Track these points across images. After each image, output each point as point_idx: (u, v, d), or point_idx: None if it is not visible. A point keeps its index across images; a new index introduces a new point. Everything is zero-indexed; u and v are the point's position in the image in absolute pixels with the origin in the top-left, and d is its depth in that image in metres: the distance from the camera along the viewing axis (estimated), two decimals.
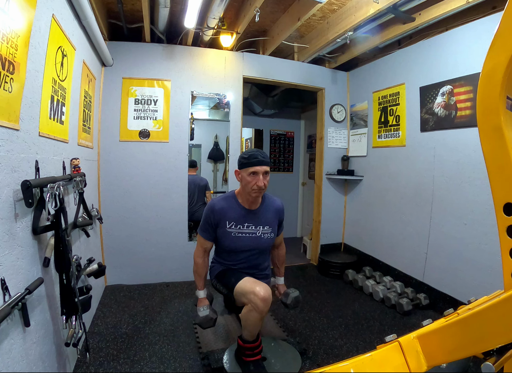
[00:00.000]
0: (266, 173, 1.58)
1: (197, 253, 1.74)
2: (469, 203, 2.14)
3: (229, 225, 1.65)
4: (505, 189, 0.80)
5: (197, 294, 1.74)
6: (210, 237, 1.70)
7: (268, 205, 1.75)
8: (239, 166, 1.63)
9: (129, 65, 2.72)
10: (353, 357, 0.91)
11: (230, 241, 1.67)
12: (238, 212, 1.67)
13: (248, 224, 1.67)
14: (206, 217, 1.67)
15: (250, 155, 1.56)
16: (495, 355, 0.80)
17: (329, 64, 3.46)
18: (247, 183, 1.57)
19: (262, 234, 1.70)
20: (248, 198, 1.63)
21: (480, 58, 0.83)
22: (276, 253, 1.93)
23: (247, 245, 1.68)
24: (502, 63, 0.76)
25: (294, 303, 1.77)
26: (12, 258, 1.00)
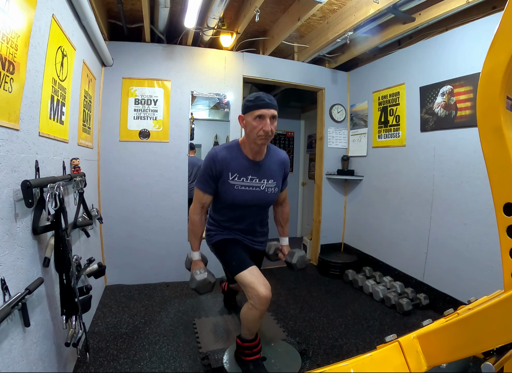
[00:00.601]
0: (273, 118, 1.42)
1: (194, 209, 1.57)
2: (469, 203, 2.14)
3: (232, 176, 1.49)
4: (505, 189, 0.80)
5: (191, 255, 1.62)
6: (210, 190, 1.53)
7: (273, 156, 1.60)
8: (243, 111, 1.47)
9: (129, 65, 2.72)
10: (353, 357, 0.91)
11: (232, 195, 1.51)
12: (242, 163, 1.51)
13: (252, 177, 1.52)
14: (206, 167, 1.49)
15: (256, 98, 1.41)
16: (495, 355, 0.80)
17: (329, 64, 3.46)
18: (253, 129, 1.42)
19: (266, 188, 1.56)
20: (253, 147, 1.49)
21: (480, 58, 0.83)
22: (279, 210, 1.79)
23: (250, 199, 1.53)
24: (502, 63, 0.76)
25: (300, 263, 1.64)
26: (12, 258, 1.00)
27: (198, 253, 1.63)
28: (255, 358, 1.59)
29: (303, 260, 1.66)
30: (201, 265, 1.61)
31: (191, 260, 1.64)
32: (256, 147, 1.49)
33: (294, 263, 1.63)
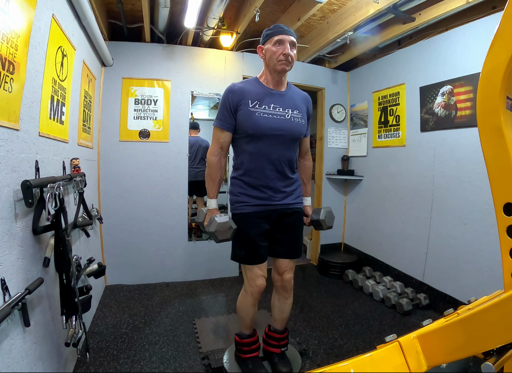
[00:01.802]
0: (293, 45, 1.38)
1: (212, 151, 1.44)
2: (469, 203, 2.14)
3: (252, 104, 1.38)
4: (505, 189, 0.80)
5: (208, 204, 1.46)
6: (229, 125, 1.41)
7: (296, 91, 1.54)
8: (262, 41, 1.43)
9: (129, 65, 2.72)
10: (353, 357, 0.91)
11: (253, 122, 1.36)
12: (263, 91, 1.42)
13: (275, 105, 1.41)
14: (224, 100, 1.40)
15: (275, 26, 1.40)
16: (495, 355, 0.80)
17: (329, 64, 3.46)
18: (272, 54, 1.36)
19: (292, 117, 1.43)
20: (274, 77, 1.42)
21: (480, 58, 0.83)
22: (301, 165, 1.64)
23: (275, 127, 1.38)
24: (502, 63, 0.76)
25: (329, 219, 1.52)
26: (12, 258, 1.00)
27: (216, 201, 1.47)
28: (254, 356, 1.58)
29: (331, 216, 1.53)
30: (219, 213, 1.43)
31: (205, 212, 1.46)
32: (276, 76, 1.42)
33: (322, 219, 1.49)
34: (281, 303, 1.61)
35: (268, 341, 1.64)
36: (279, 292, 1.61)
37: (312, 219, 1.57)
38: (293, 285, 1.61)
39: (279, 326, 1.63)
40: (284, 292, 1.59)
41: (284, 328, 1.65)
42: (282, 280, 1.56)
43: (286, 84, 1.50)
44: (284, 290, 1.59)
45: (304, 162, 1.66)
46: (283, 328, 1.64)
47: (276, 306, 1.63)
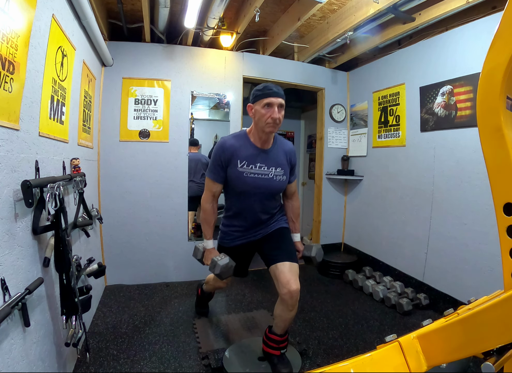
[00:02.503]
0: (281, 107, 1.47)
1: (206, 198, 1.62)
2: (469, 203, 2.14)
3: (241, 164, 1.53)
4: (505, 189, 0.80)
5: (205, 244, 1.64)
6: (220, 178, 1.57)
7: (279, 146, 1.64)
8: (252, 100, 1.51)
9: (129, 65, 2.72)
10: (353, 357, 0.91)
11: (242, 182, 1.54)
12: (250, 150, 1.55)
13: (261, 164, 1.55)
14: (216, 156, 1.54)
15: (265, 87, 1.46)
16: (495, 355, 0.80)
17: (329, 64, 3.46)
18: (261, 117, 1.46)
19: (274, 176, 1.58)
20: (261, 136, 1.53)
21: (480, 58, 0.83)
22: (289, 205, 1.79)
23: (260, 186, 1.56)
24: (502, 63, 0.76)
25: (319, 255, 1.63)
26: (12, 258, 1.00)
27: (212, 242, 1.64)
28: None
29: (321, 252, 1.64)
30: (217, 253, 1.61)
31: (202, 250, 1.65)
32: (264, 136, 1.53)
33: (313, 256, 1.60)
34: (285, 314, 1.56)
35: (268, 343, 1.64)
36: (284, 304, 1.54)
37: (304, 255, 1.69)
38: (299, 297, 1.55)
39: (280, 331, 1.62)
40: (289, 305, 1.54)
41: (285, 331, 1.65)
42: (290, 292, 1.50)
43: (272, 139, 1.61)
44: (290, 302, 1.53)
45: (291, 203, 1.80)
46: (284, 332, 1.63)
47: (279, 315, 1.59)
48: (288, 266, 1.56)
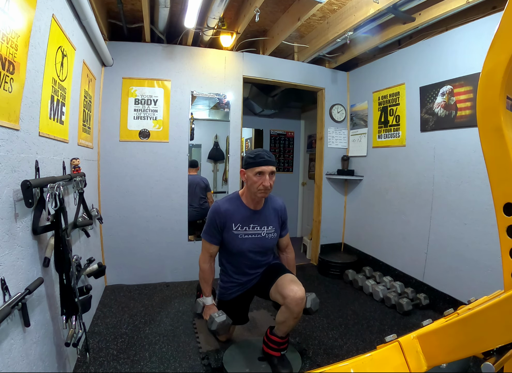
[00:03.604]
0: (272, 174, 1.57)
1: (203, 259, 1.72)
2: (469, 203, 2.14)
3: (236, 227, 1.64)
4: (505, 189, 0.80)
5: (204, 301, 1.72)
6: (216, 240, 1.68)
7: (270, 204, 1.75)
8: (244, 166, 1.62)
9: (129, 65, 2.72)
10: (353, 357, 0.91)
11: (237, 244, 1.66)
12: (244, 213, 1.66)
13: (254, 225, 1.67)
14: (211, 220, 1.65)
15: (257, 155, 1.55)
16: (495, 355, 0.80)
17: (329, 64, 3.46)
18: (253, 184, 1.56)
19: (266, 234, 1.71)
20: (254, 198, 1.64)
21: (480, 58, 0.83)
22: (284, 257, 1.89)
23: (254, 246, 1.68)
24: (502, 63, 0.76)
25: (314, 305, 1.68)
26: (12, 258, 1.00)
27: (211, 299, 1.73)
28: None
29: (316, 302, 1.70)
30: (216, 309, 1.69)
31: (202, 306, 1.73)
32: (256, 199, 1.64)
33: (309, 307, 1.65)
34: (289, 321, 1.55)
35: (269, 344, 1.64)
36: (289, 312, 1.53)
37: None
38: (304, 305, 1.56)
39: (282, 334, 1.61)
40: (294, 313, 1.52)
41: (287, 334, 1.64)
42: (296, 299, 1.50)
43: (263, 200, 1.71)
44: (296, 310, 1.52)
45: (286, 255, 1.90)
46: (285, 335, 1.63)
47: (283, 322, 1.56)
48: (290, 277, 1.64)
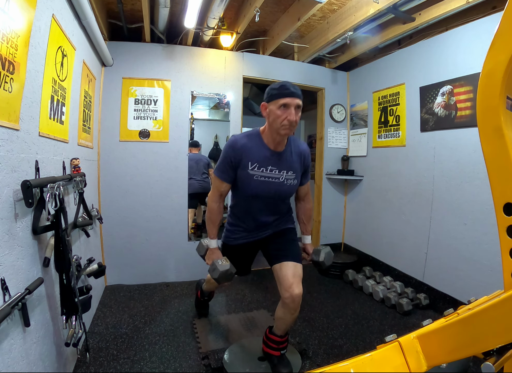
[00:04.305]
0: (298, 108, 1.39)
1: (212, 197, 1.56)
2: (469, 203, 2.14)
3: (252, 166, 1.47)
4: (505, 189, 0.80)
5: (208, 243, 1.60)
6: (229, 178, 1.51)
7: (293, 147, 1.56)
8: (267, 99, 1.43)
9: (129, 65, 2.72)
10: (353, 357, 0.91)
11: (251, 186, 1.49)
12: (263, 152, 1.48)
13: (272, 167, 1.49)
14: (226, 154, 1.47)
15: (281, 86, 1.38)
16: (495, 355, 0.80)
17: (329, 64, 3.46)
18: (276, 118, 1.38)
19: (285, 180, 1.52)
20: (275, 137, 1.46)
21: (480, 58, 0.83)
22: (301, 206, 1.74)
23: (269, 191, 1.51)
24: (502, 63, 0.76)
25: (328, 260, 1.58)
26: (12, 258, 1.00)
27: (215, 241, 1.60)
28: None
29: (330, 256, 1.59)
30: (220, 255, 1.57)
31: (206, 247, 1.61)
32: (278, 138, 1.46)
33: (322, 261, 1.56)
34: (287, 317, 1.54)
35: (268, 343, 1.63)
36: (286, 307, 1.51)
37: (312, 259, 1.64)
38: (301, 301, 1.51)
39: (281, 333, 1.61)
40: (291, 309, 1.51)
41: (286, 332, 1.64)
42: (292, 296, 1.47)
43: (286, 141, 1.53)
44: (292, 306, 1.50)
45: (304, 205, 1.75)
46: (284, 334, 1.62)
47: (280, 318, 1.56)
48: (292, 268, 1.52)
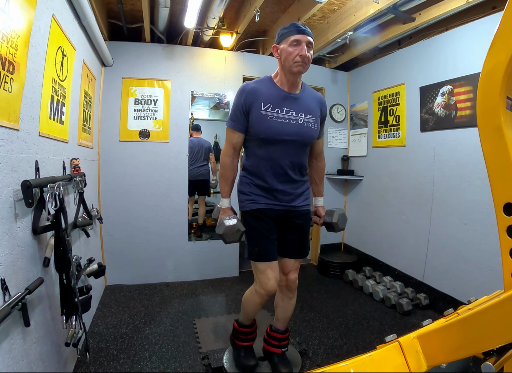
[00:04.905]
0: (310, 45, 1.33)
1: (225, 151, 1.46)
2: (469, 203, 2.14)
3: (265, 107, 1.36)
4: (505, 189, 0.80)
5: (220, 203, 1.49)
6: (241, 127, 1.40)
7: (310, 93, 1.49)
8: (277, 40, 1.39)
9: (129, 65, 2.72)
10: (353, 357, 0.91)
11: (265, 126, 1.35)
12: (276, 93, 1.39)
13: (288, 109, 1.38)
14: (236, 100, 1.40)
15: (292, 25, 1.34)
16: (495, 355, 0.80)
17: (329, 64, 3.46)
18: (288, 55, 1.32)
19: (305, 122, 1.41)
20: (289, 78, 1.38)
21: (480, 58, 0.83)
22: (314, 165, 1.64)
23: (287, 132, 1.37)
24: (502, 63, 0.76)
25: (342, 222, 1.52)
26: (12, 258, 1.00)
27: (228, 200, 1.49)
28: (248, 345, 1.62)
29: (344, 218, 1.52)
30: (231, 213, 1.48)
31: (219, 209, 1.51)
32: (291, 78, 1.38)
33: (335, 222, 1.49)
34: (285, 302, 1.60)
35: (270, 341, 1.64)
36: (283, 292, 1.60)
37: (325, 221, 1.58)
38: (297, 285, 1.60)
39: (281, 326, 1.63)
40: (288, 292, 1.59)
41: (286, 328, 1.65)
42: (287, 279, 1.55)
43: (300, 85, 1.46)
44: (288, 290, 1.58)
45: (317, 163, 1.65)
46: (285, 328, 1.64)
47: (280, 305, 1.62)
48: (294, 261, 1.57)
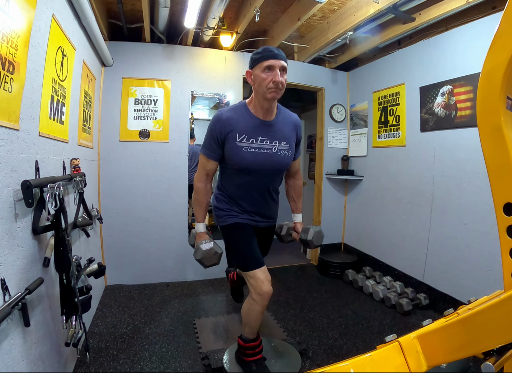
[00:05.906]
0: (283, 70, 1.31)
1: (198, 177, 1.47)
2: (469, 203, 2.14)
3: (240, 138, 1.36)
4: (505, 189, 0.80)
5: (195, 228, 1.50)
6: (215, 155, 1.41)
7: (285, 117, 1.49)
8: (250, 65, 1.37)
9: (129, 65, 2.72)
10: (353, 357, 0.91)
11: (240, 157, 1.37)
12: (251, 123, 1.39)
13: (263, 138, 1.39)
14: (211, 130, 1.38)
15: (264, 49, 1.31)
16: (495, 355, 0.80)
17: (329, 64, 3.46)
18: (262, 81, 1.30)
19: (278, 150, 1.42)
20: (263, 104, 1.37)
21: (480, 58, 0.83)
22: (292, 183, 1.68)
23: (261, 162, 1.39)
24: (502, 63, 0.76)
25: (317, 239, 1.52)
26: (12, 258, 1.00)
27: (203, 225, 1.51)
28: (257, 358, 1.56)
29: (320, 235, 1.53)
30: (207, 237, 1.49)
31: (195, 235, 1.52)
32: (266, 104, 1.38)
33: (310, 240, 1.50)
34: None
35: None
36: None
37: (301, 238, 1.60)
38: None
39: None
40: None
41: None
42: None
43: (275, 110, 1.46)
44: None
45: (294, 181, 1.70)
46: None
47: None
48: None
